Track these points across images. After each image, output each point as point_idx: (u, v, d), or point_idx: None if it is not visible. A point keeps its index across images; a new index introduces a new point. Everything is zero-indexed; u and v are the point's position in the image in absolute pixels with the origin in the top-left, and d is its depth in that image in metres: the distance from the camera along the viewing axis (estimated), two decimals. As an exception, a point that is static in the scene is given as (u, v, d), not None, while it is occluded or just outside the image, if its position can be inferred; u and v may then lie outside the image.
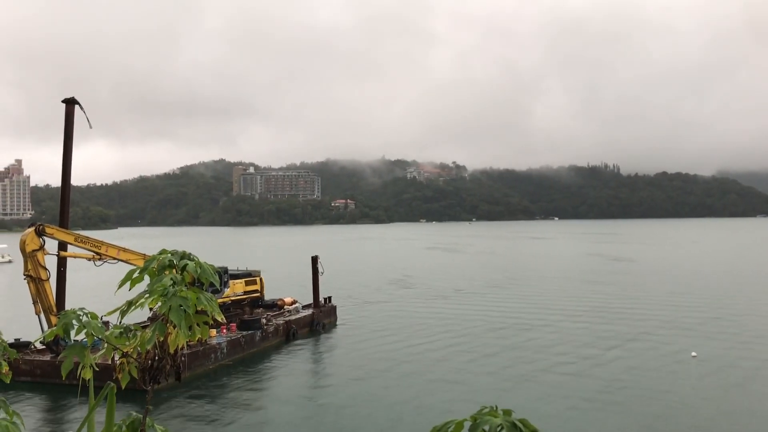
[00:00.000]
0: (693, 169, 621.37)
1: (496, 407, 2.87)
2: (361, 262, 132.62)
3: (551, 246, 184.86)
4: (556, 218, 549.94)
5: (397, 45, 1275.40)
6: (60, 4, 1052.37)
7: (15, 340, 38.61)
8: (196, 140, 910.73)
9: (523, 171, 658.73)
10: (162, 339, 3.91)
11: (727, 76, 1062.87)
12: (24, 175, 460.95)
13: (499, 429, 2.73)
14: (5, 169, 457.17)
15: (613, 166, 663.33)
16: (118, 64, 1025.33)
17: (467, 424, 2.84)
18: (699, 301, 68.01)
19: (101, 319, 4.29)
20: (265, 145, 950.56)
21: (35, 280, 39.22)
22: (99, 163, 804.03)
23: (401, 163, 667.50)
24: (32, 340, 37.17)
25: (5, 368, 4.59)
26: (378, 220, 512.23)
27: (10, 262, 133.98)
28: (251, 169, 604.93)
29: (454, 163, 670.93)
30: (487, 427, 2.74)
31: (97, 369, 4.18)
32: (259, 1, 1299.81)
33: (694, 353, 43.05)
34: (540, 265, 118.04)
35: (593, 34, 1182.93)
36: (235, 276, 51.88)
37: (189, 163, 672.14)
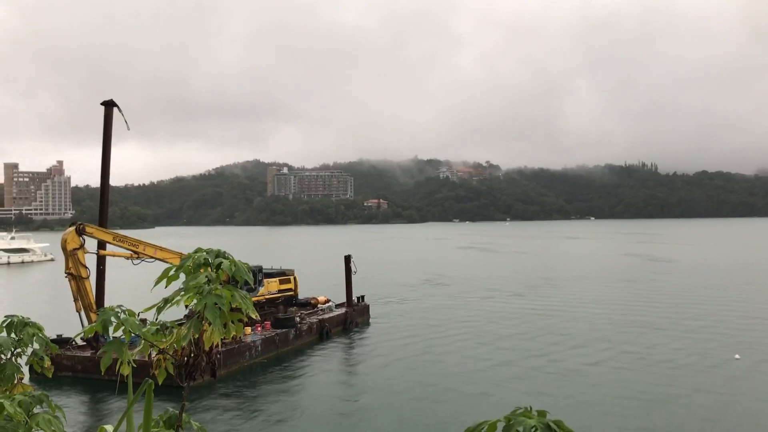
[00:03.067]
0: (734, 168, 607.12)
1: (531, 408, 2.84)
2: (393, 261, 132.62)
3: (588, 246, 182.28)
4: (592, 218, 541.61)
5: (422, 45, 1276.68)
6: (93, 12, 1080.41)
7: (57, 336, 39.62)
8: (226, 141, 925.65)
9: (557, 170, 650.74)
10: (197, 336, 3.96)
11: (765, 74, 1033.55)
12: (65, 175, 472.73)
13: (533, 430, 2.69)
14: (47, 170, 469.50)
15: (651, 165, 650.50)
16: (148, 68, 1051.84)
17: (501, 425, 2.81)
18: (741, 302, 66.31)
19: (138, 316, 4.37)
20: (295, 146, 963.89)
21: (76, 278, 40.20)
22: (133, 164, 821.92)
23: (434, 163, 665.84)
24: (73, 337, 38.10)
25: (47, 363, 4.70)
26: (411, 220, 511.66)
27: (52, 260, 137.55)
28: (285, 170, 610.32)
29: (487, 162, 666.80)
30: (521, 428, 2.70)
31: (135, 365, 4.26)
32: (283, 3, 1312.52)
33: (737, 355, 42.02)
34: (576, 266, 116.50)
35: (623, 34, 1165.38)
36: (270, 275, 52.41)
37: (221, 164, 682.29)
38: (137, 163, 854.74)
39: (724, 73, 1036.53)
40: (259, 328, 45.95)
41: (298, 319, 49.89)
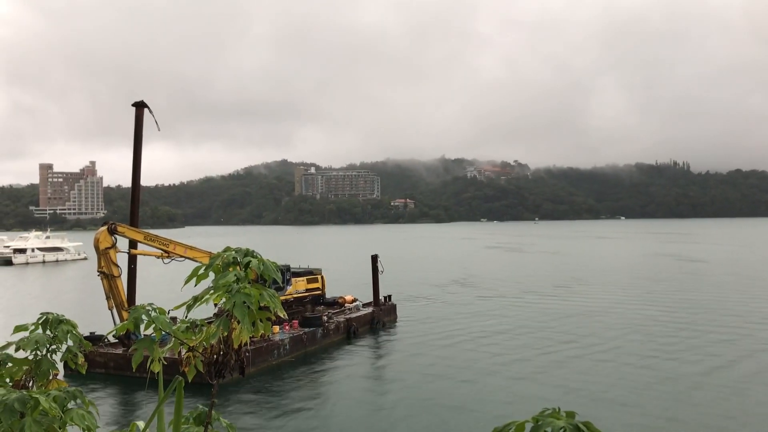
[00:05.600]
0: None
1: (559, 409, 2.81)
2: (421, 261, 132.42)
3: (618, 246, 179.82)
4: (623, 217, 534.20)
5: (445, 46, 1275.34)
6: (120, 17, 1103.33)
7: (90, 333, 40.38)
8: (252, 142, 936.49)
9: (587, 169, 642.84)
10: (226, 334, 4.00)
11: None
12: (97, 176, 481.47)
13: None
14: (80, 170, 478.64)
15: (683, 163, 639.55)
16: (173, 71, 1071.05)
17: (529, 426, 2.79)
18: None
19: (168, 314, 4.43)
20: (320, 146, 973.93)
21: (108, 277, 40.87)
22: (161, 165, 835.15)
23: (460, 162, 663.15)
24: (105, 334, 38.72)
25: (81, 360, 4.79)
26: (438, 220, 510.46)
27: (85, 259, 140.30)
28: (312, 170, 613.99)
29: (515, 161, 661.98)
30: (549, 429, 2.68)
31: (165, 363, 4.32)
32: (304, 6, 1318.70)
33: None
34: (607, 266, 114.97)
35: (649, 32, 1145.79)
36: (297, 274, 52.71)
37: (247, 164, 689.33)
38: (164, 164, 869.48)
39: (756, 70, 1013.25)
40: (287, 327, 46.25)
41: (325, 318, 50.10)
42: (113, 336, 40.27)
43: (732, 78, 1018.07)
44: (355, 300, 57.18)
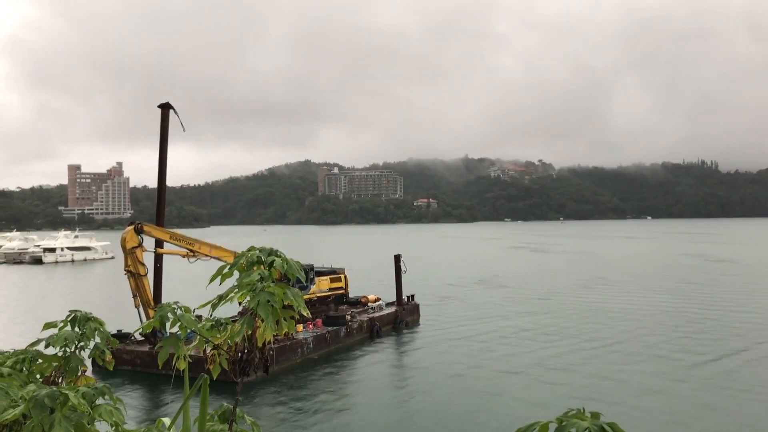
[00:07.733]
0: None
1: (583, 410, 2.78)
2: (444, 260, 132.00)
3: (645, 246, 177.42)
4: (649, 217, 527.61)
5: (463, 46, 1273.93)
6: (143, 22, 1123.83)
7: (117, 331, 40.96)
8: (273, 142, 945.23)
9: (612, 168, 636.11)
10: (250, 332, 4.03)
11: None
12: (124, 176, 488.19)
13: (586, 432, 2.64)
14: (107, 171, 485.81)
15: (711, 162, 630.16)
16: (194, 73, 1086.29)
17: (553, 427, 2.76)
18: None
19: (194, 312, 4.48)
20: (342, 146, 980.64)
21: (134, 276, 41.40)
22: (183, 165, 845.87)
23: (483, 162, 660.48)
24: (132, 332, 39.25)
25: (108, 357, 4.87)
26: (461, 219, 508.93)
27: (112, 258, 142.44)
28: (335, 170, 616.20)
29: (540, 161, 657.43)
30: (573, 430, 2.66)
31: (191, 360, 4.37)
32: (322, 8, 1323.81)
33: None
34: (634, 266, 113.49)
35: (671, 32, 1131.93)
36: (321, 273, 52.90)
37: (270, 165, 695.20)
38: (188, 164, 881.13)
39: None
40: (311, 326, 46.47)
41: (348, 317, 50.21)
42: (140, 334, 40.87)
43: (760, 75, 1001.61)
44: (378, 299, 57.22)
